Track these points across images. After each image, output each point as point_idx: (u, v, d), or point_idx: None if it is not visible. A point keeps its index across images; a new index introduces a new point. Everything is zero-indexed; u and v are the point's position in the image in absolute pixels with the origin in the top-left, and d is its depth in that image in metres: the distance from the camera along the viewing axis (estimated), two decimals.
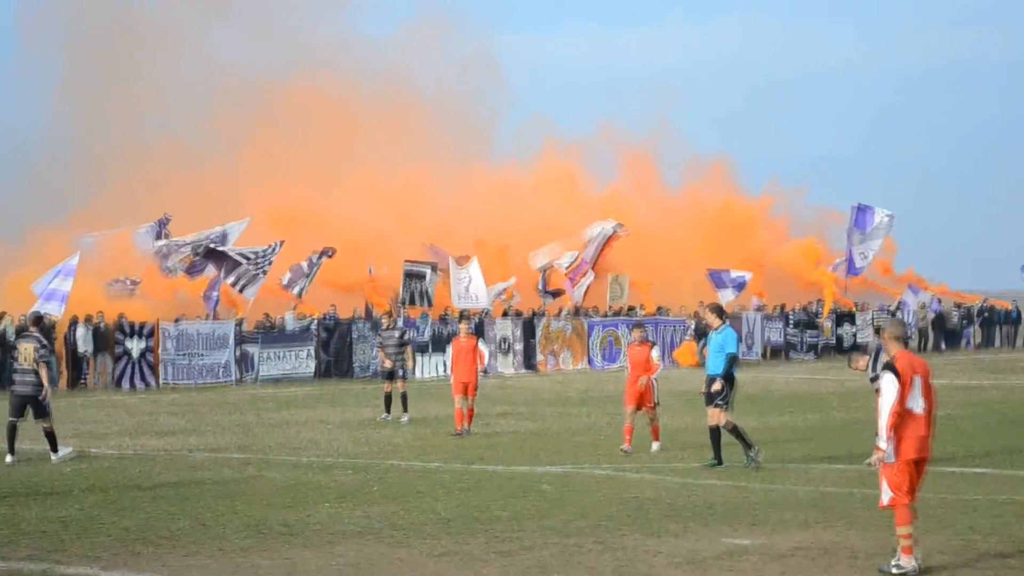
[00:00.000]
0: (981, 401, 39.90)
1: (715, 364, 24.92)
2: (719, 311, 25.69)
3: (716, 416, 24.89)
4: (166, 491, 22.34)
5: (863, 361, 24.89)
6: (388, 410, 35.53)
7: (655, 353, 28.11)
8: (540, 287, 63.44)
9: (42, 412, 26.97)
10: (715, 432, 24.98)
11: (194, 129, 71.65)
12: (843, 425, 33.01)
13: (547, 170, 75.21)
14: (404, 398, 35.29)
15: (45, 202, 65.73)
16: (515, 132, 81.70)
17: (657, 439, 27.79)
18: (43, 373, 26.94)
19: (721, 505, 20.67)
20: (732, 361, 24.84)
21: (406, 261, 56.04)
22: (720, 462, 24.87)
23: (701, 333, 59.38)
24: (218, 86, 73.03)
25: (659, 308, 63.24)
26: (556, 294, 63.62)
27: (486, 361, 37.06)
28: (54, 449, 26.95)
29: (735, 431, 24.92)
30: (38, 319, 29.89)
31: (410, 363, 37.01)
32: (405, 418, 34.96)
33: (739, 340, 25.83)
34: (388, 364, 35.53)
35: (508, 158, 79.28)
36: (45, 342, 27.62)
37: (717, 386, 24.80)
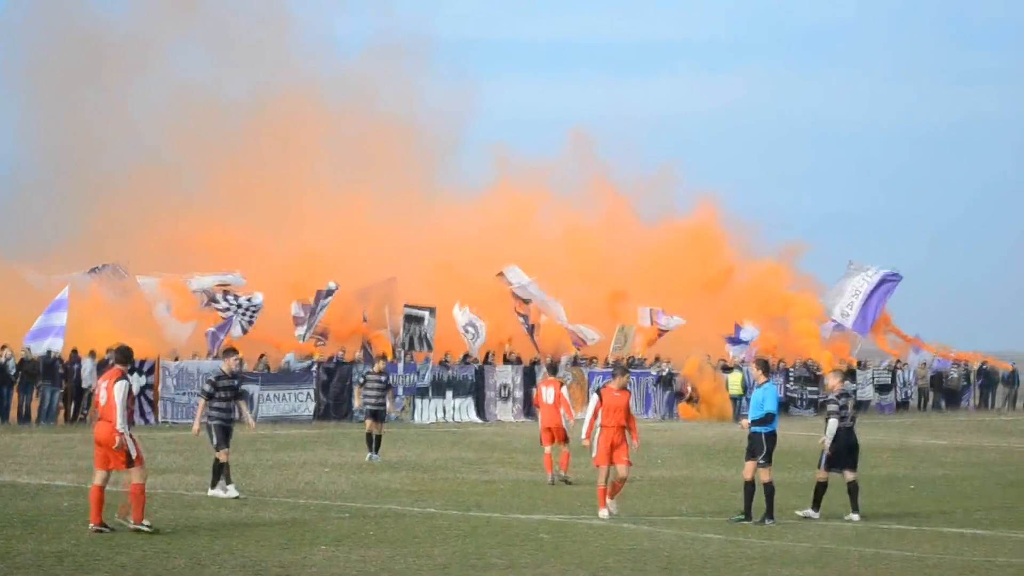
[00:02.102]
0: (980, 462, 39.83)
1: (754, 417, 25.12)
2: (765, 366, 25.86)
3: (763, 473, 24.91)
4: (162, 528, 22.27)
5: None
6: (372, 449, 36.26)
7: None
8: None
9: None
10: (750, 486, 25.03)
11: (157, 158, 70.90)
12: (841, 482, 32.86)
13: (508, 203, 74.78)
14: (379, 440, 36.37)
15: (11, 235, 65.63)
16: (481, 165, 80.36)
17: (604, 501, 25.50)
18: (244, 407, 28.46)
19: (718, 559, 20.63)
20: (769, 419, 24.96)
21: (406, 304, 56.03)
22: (748, 517, 24.84)
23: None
24: (182, 112, 71.94)
25: (656, 359, 63.18)
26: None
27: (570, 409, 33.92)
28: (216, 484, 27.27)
29: (768, 492, 24.90)
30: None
31: (390, 405, 38.93)
32: (376, 458, 35.78)
33: (778, 397, 25.94)
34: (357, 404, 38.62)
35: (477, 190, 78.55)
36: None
37: (744, 423, 25.43)
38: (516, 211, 73.87)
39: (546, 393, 32.23)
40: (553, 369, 36.48)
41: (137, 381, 48.70)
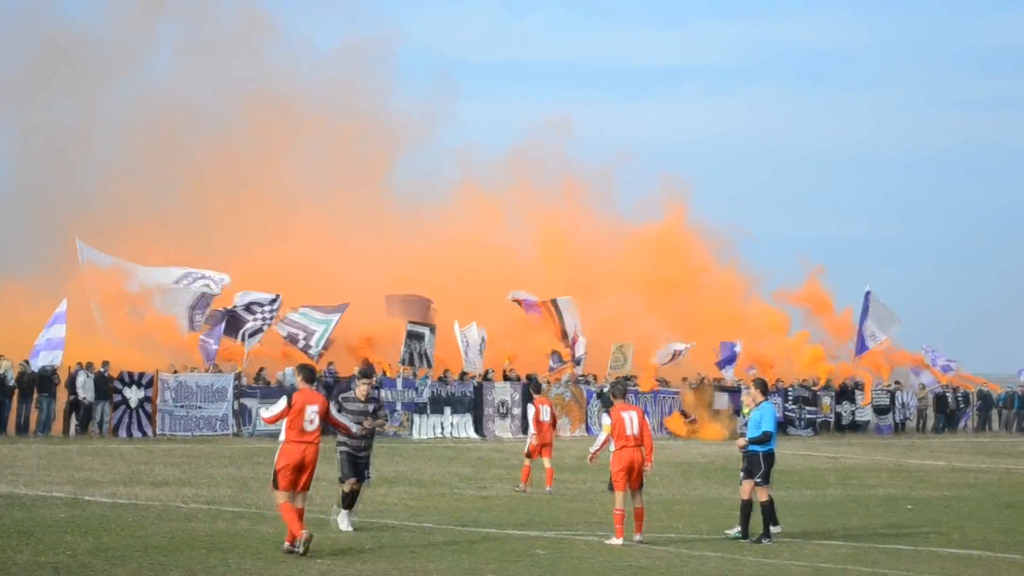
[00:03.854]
0: (978, 483, 39.82)
1: (752, 438, 25.12)
2: (763, 387, 25.86)
3: (760, 492, 24.86)
4: (159, 541, 22.28)
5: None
6: (344, 504, 25.23)
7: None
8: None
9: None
10: (747, 505, 25.02)
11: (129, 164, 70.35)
12: (839, 502, 32.94)
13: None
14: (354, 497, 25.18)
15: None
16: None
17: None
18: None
19: None
20: (767, 437, 24.94)
21: (409, 321, 56.04)
22: (745, 536, 24.83)
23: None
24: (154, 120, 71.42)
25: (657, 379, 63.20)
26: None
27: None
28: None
29: (768, 509, 24.88)
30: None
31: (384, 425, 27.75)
32: (347, 525, 25.01)
33: (776, 416, 25.89)
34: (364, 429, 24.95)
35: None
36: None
37: (742, 442, 25.29)
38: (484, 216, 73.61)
39: (543, 411, 33.66)
40: (537, 388, 37.69)
41: (135, 394, 48.78)
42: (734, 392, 62.37)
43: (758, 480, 24.96)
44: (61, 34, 68.84)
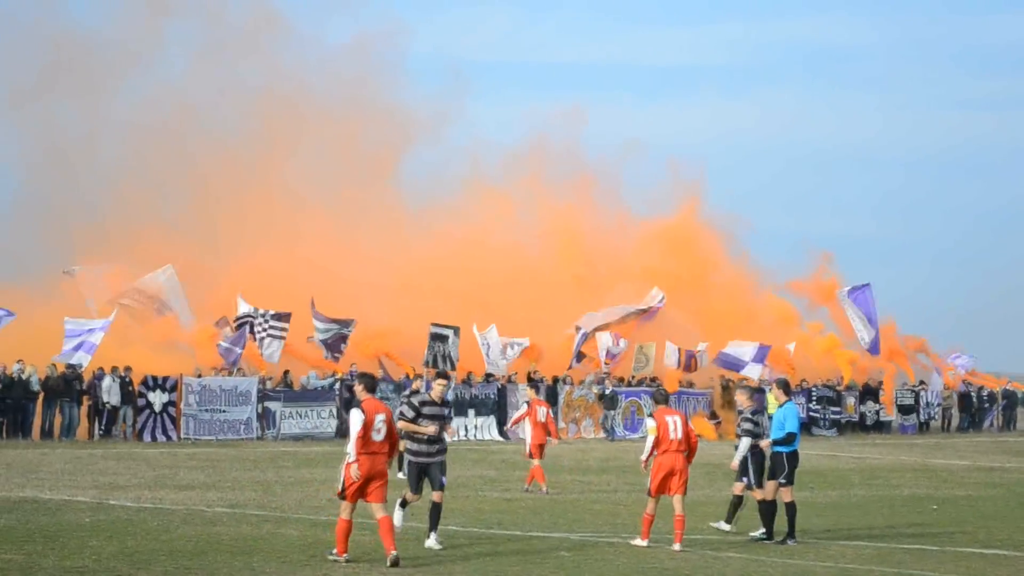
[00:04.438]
0: (1003, 483, 39.70)
1: (776, 438, 25.04)
2: (786, 387, 25.78)
3: (785, 493, 24.82)
4: (183, 545, 22.32)
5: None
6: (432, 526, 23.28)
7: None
8: (575, 348, 62.46)
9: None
10: (771, 506, 24.96)
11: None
12: (864, 502, 32.87)
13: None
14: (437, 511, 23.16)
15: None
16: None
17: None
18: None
19: None
20: (791, 439, 24.89)
21: (432, 324, 56.11)
22: (770, 537, 24.78)
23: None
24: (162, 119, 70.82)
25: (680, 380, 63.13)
26: (580, 357, 63.02)
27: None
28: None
29: (791, 512, 24.84)
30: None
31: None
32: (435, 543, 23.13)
33: (799, 416, 25.80)
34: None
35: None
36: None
37: (765, 444, 25.18)
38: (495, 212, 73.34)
39: (540, 412, 34.37)
40: (537, 388, 38.66)
41: (160, 398, 48.91)
42: (758, 392, 62.28)
43: (782, 481, 24.90)
44: (68, 38, 68.58)
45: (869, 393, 67.71)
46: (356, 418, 20.87)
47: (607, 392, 58.42)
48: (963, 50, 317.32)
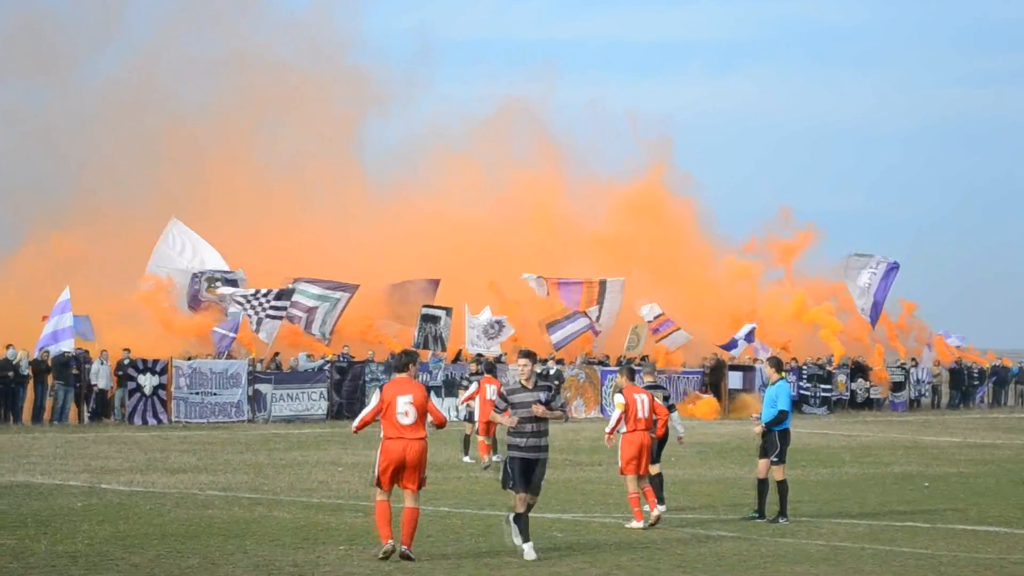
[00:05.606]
0: (993, 459, 39.78)
1: (767, 416, 25.04)
2: (778, 364, 25.73)
3: (776, 471, 24.82)
4: (176, 528, 22.31)
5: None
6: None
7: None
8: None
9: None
10: (763, 484, 24.99)
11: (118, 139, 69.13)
12: (855, 480, 32.92)
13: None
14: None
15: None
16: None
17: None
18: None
19: (732, 557, 20.61)
20: (783, 417, 24.89)
21: (424, 305, 56.09)
22: (762, 515, 24.80)
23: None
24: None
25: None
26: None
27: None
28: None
29: (783, 490, 24.85)
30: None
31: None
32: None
33: (791, 394, 25.78)
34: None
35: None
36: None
37: (758, 429, 25.11)
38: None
39: (489, 390, 35.29)
40: (490, 368, 39.18)
41: (150, 381, 48.86)
42: (748, 370, 62.38)
43: (774, 459, 24.92)
44: (27, 15, 68.01)
45: (859, 371, 67.74)
46: (371, 401, 19.96)
47: (551, 371, 57.41)
48: (958, 28, 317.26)
